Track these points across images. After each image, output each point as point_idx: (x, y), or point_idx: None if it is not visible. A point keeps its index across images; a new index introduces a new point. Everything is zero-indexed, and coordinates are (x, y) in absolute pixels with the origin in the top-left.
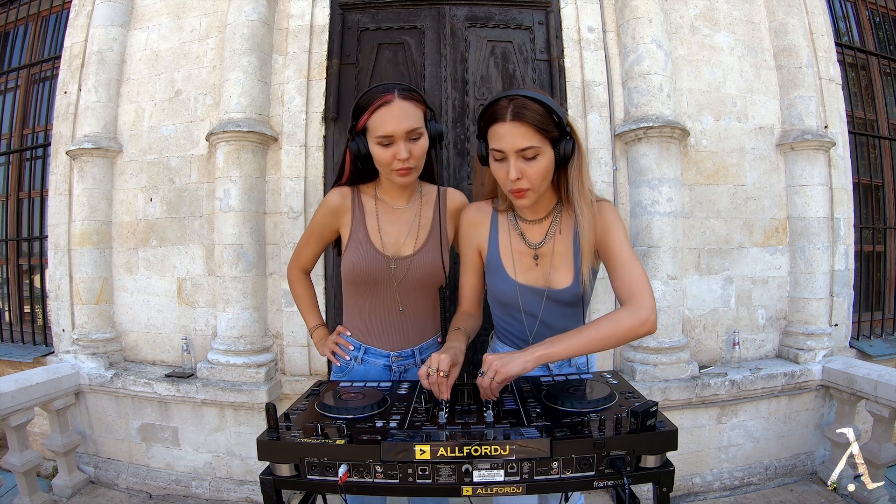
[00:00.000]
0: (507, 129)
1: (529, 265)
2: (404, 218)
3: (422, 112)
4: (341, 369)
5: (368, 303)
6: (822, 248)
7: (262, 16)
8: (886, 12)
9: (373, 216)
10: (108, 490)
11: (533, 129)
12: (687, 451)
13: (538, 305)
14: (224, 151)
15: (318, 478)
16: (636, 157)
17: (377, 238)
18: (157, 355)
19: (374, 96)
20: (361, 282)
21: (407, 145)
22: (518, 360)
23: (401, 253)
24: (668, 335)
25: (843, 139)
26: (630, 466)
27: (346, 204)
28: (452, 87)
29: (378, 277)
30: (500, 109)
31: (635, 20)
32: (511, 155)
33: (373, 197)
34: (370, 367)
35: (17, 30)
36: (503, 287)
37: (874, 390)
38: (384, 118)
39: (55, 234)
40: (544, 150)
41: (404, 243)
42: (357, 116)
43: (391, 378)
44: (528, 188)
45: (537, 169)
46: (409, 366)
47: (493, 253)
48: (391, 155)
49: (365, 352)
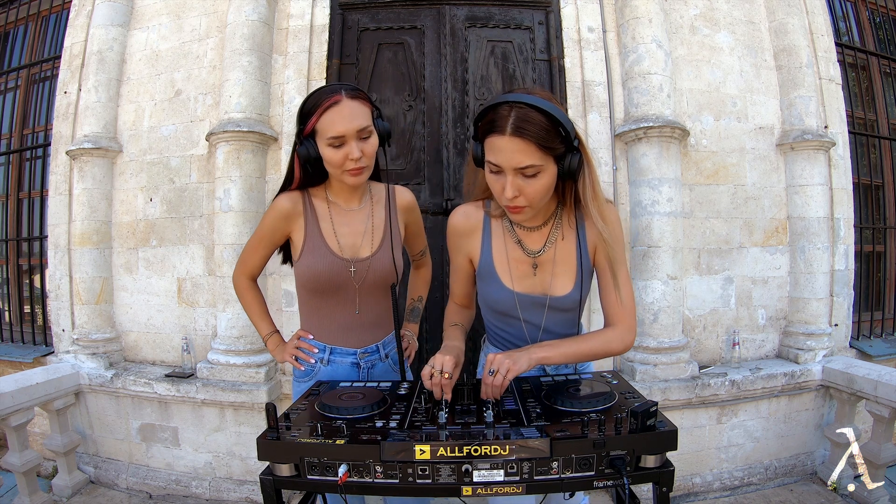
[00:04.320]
0: (506, 143)
1: (527, 273)
2: (358, 219)
3: (369, 110)
4: (306, 373)
5: (329, 306)
6: (822, 248)
7: (262, 16)
8: (886, 12)
9: (326, 220)
10: (108, 490)
11: (535, 146)
12: (687, 451)
13: (539, 314)
14: (224, 151)
15: (318, 478)
16: (636, 157)
17: (334, 242)
18: (157, 355)
19: (321, 97)
20: (321, 287)
21: (359, 144)
22: (524, 357)
23: (359, 255)
24: (668, 335)
25: (843, 139)
26: (630, 466)
27: (298, 209)
28: (452, 87)
29: (339, 281)
30: (500, 119)
31: (635, 20)
32: (509, 172)
33: (324, 200)
34: (337, 366)
35: (17, 30)
36: (498, 297)
37: (874, 390)
38: (334, 119)
39: (55, 234)
40: (546, 168)
41: (361, 245)
42: (304, 120)
43: (359, 375)
44: (525, 206)
45: (536, 188)
46: (375, 361)
47: (487, 261)
48: (343, 155)
49: (331, 352)
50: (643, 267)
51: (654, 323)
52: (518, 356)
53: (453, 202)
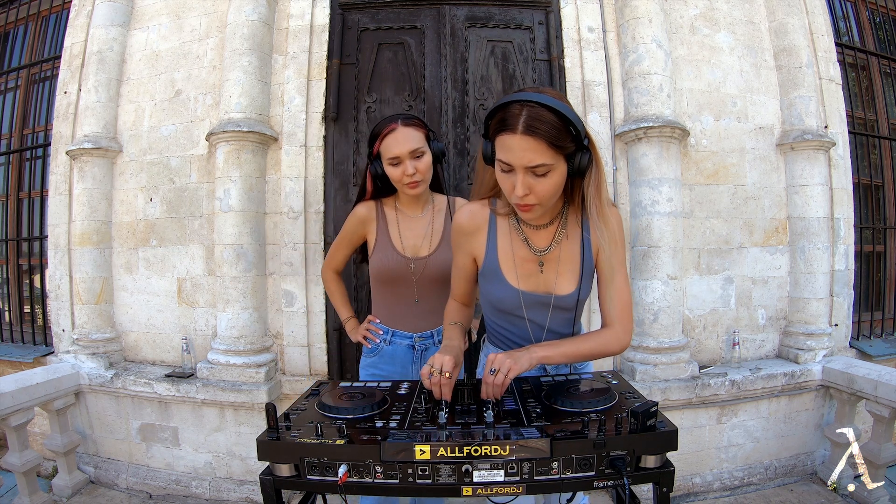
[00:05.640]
0: (518, 142)
1: (532, 271)
2: (420, 225)
3: (423, 134)
4: (372, 350)
5: (393, 295)
6: (822, 248)
7: (262, 16)
8: (886, 12)
9: (394, 224)
10: (108, 490)
11: (546, 144)
12: (687, 451)
13: (544, 314)
14: (224, 151)
15: (317, 478)
16: (636, 156)
17: (398, 242)
18: (157, 355)
19: (382, 126)
20: (386, 278)
21: (412, 163)
22: (525, 357)
23: (419, 254)
24: (668, 335)
25: (843, 139)
26: (630, 466)
27: (372, 215)
28: (452, 86)
29: (400, 275)
30: (512, 117)
31: (635, 20)
32: (519, 171)
33: (393, 208)
34: (397, 347)
35: (17, 30)
36: (503, 295)
37: (874, 390)
38: (390, 144)
39: (55, 234)
40: (557, 167)
41: (421, 246)
42: (371, 144)
43: (414, 356)
44: (535, 203)
45: (546, 187)
46: (429, 345)
47: (492, 260)
48: (401, 172)
49: (392, 335)
50: (643, 267)
51: (654, 323)
52: (519, 356)
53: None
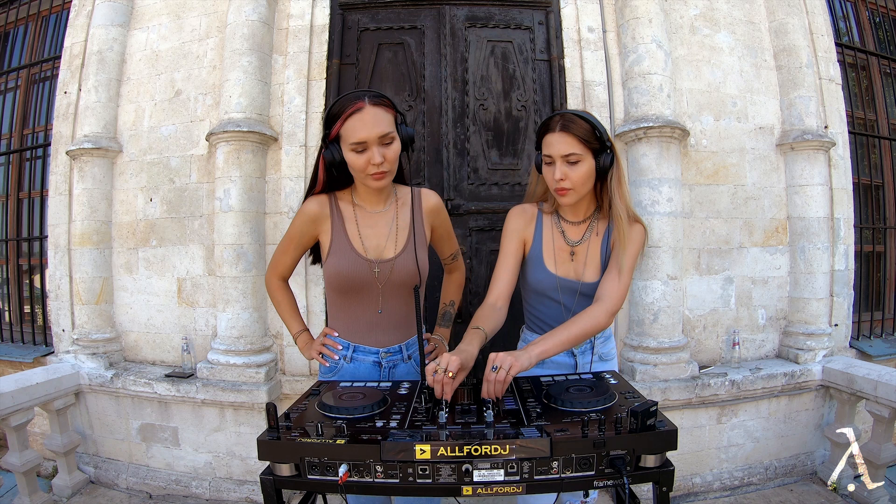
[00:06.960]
0: (556, 137)
1: (566, 259)
2: (383, 221)
3: (392, 117)
4: (330, 370)
5: (353, 305)
6: (822, 248)
7: (262, 16)
8: (886, 12)
9: (352, 222)
10: (108, 490)
11: (577, 139)
12: (687, 451)
13: (571, 298)
14: (224, 151)
15: (318, 478)
16: (636, 157)
17: (359, 243)
18: (157, 355)
19: (345, 104)
20: (346, 286)
21: (380, 150)
22: (524, 355)
23: (383, 256)
24: (668, 335)
25: (843, 139)
26: (630, 466)
27: (325, 211)
28: (452, 86)
29: (362, 281)
30: (553, 123)
31: (635, 20)
32: (557, 159)
33: (350, 203)
34: (360, 364)
35: (17, 30)
36: (542, 277)
37: (874, 390)
38: (356, 125)
39: (55, 234)
40: (585, 158)
41: (385, 246)
42: (329, 125)
43: (380, 374)
44: (570, 188)
45: (579, 173)
46: (397, 361)
47: (537, 248)
48: (365, 160)
49: (354, 350)
50: (643, 267)
51: (654, 323)
52: (519, 354)
53: (453, 202)
